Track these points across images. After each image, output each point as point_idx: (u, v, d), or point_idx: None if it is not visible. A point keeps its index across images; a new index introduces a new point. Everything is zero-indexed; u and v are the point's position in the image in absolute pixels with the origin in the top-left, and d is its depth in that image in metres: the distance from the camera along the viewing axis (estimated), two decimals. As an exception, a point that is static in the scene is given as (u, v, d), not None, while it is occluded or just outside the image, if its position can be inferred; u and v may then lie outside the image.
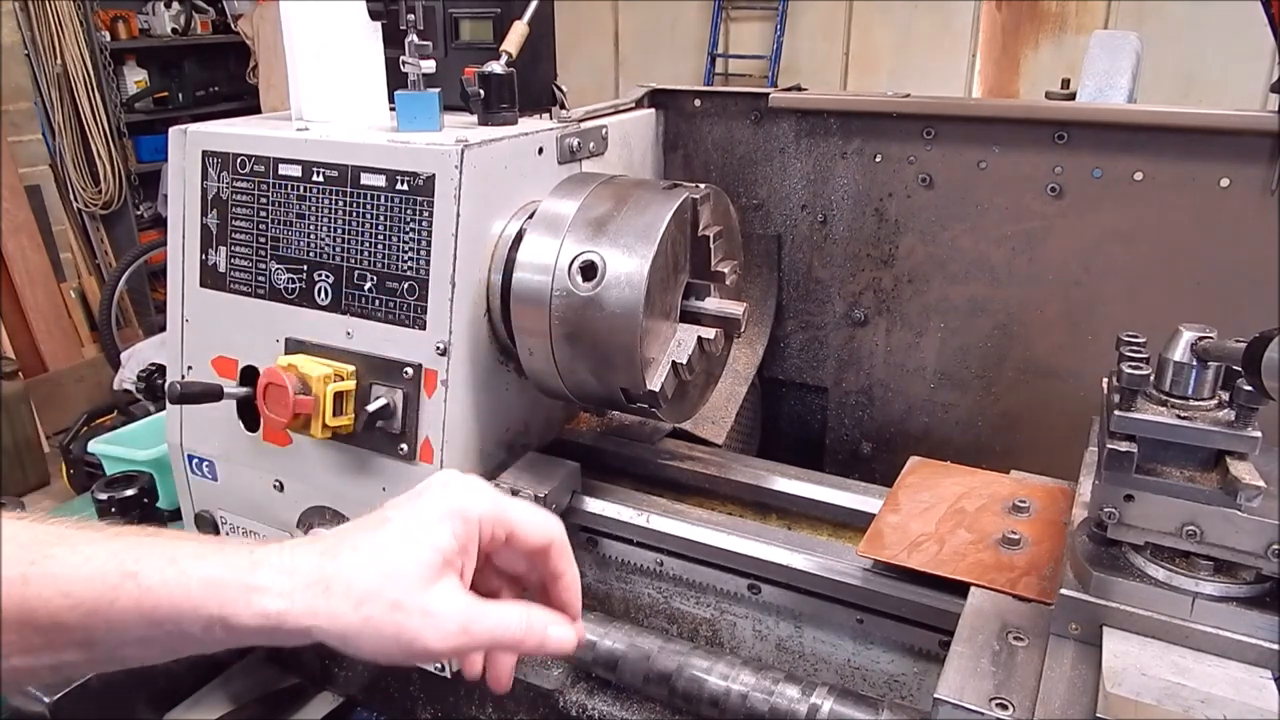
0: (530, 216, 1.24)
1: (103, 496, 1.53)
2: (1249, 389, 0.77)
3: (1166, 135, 1.34)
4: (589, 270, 1.15)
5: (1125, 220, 1.40)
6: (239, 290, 1.35)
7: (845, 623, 1.17)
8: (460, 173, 1.17)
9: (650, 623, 1.35)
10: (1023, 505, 1.18)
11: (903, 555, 1.10)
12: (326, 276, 1.28)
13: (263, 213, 1.32)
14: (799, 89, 1.80)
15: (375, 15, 1.34)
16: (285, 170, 1.29)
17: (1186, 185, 1.34)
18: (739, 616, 1.28)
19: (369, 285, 1.25)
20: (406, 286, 1.22)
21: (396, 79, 1.34)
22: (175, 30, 6.62)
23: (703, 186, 1.24)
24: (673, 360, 1.20)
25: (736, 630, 1.29)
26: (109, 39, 6.18)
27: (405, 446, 1.24)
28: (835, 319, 1.67)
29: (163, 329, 1.51)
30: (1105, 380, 0.95)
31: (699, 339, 1.23)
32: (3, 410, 4.49)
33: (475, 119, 1.34)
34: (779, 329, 1.72)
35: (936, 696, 0.85)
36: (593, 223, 1.18)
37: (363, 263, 1.25)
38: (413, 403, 1.23)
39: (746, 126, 1.64)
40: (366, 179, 1.23)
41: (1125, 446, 0.83)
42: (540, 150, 1.31)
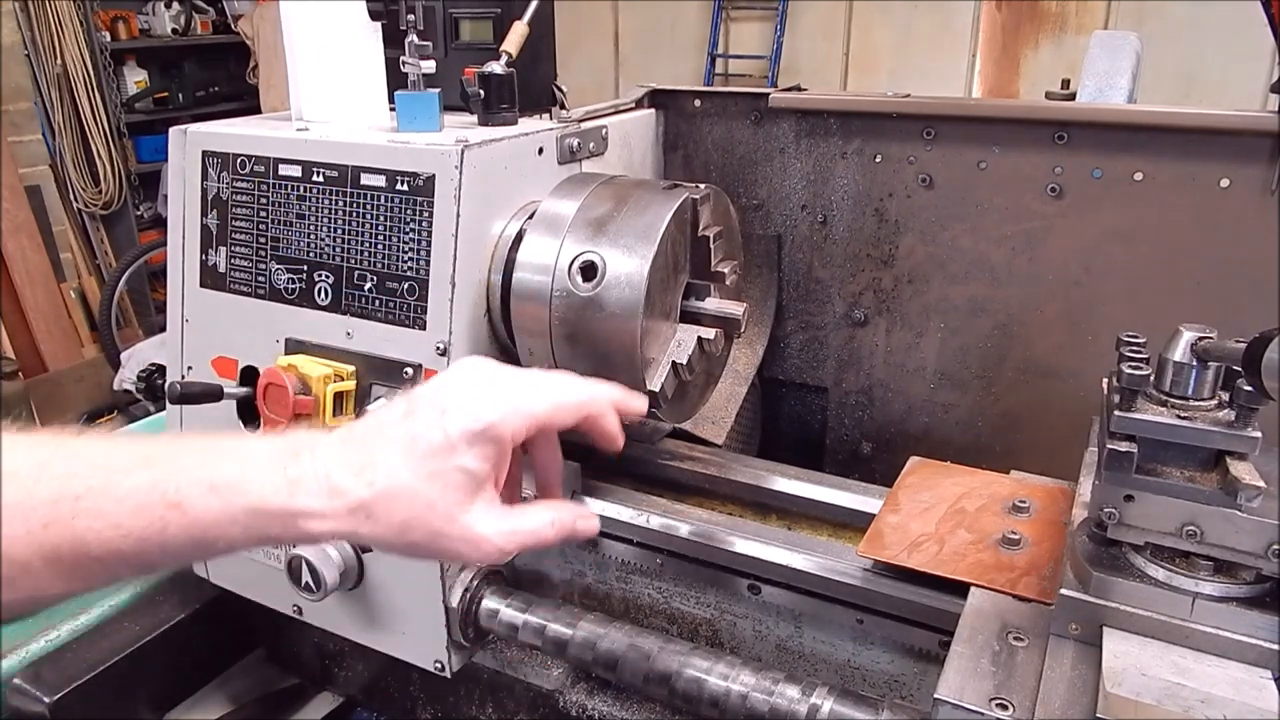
0: (530, 217, 1.24)
1: (103, 496, 1.53)
2: (1249, 389, 0.77)
3: (1166, 135, 1.34)
4: (589, 270, 1.15)
5: (1125, 220, 1.40)
6: (239, 290, 1.35)
7: (845, 623, 1.17)
8: (460, 173, 1.17)
9: (650, 623, 1.35)
10: (1023, 505, 1.18)
11: (903, 555, 1.10)
12: (326, 277, 1.28)
13: (263, 213, 1.32)
14: (799, 89, 1.80)
15: (375, 15, 1.34)
16: (285, 170, 1.29)
17: (1186, 185, 1.34)
18: (739, 616, 1.28)
19: (369, 285, 1.25)
20: (406, 287, 1.22)
21: (396, 79, 1.34)
22: (175, 30, 6.62)
23: (703, 186, 1.24)
24: (673, 360, 1.21)
25: (736, 630, 1.29)
26: (109, 39, 6.18)
27: (405, 446, 1.24)
28: (835, 319, 1.67)
29: (163, 329, 1.51)
30: (1105, 380, 0.95)
31: (699, 339, 1.23)
32: (2, 410, 4.49)
33: (475, 119, 1.34)
34: (779, 329, 1.72)
35: (936, 696, 0.85)
36: (593, 223, 1.18)
37: (363, 263, 1.25)
38: (413, 403, 1.23)
39: (746, 126, 1.64)
40: (366, 179, 1.23)
41: (1125, 446, 0.83)
42: (540, 150, 1.31)
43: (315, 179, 1.27)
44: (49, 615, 1.48)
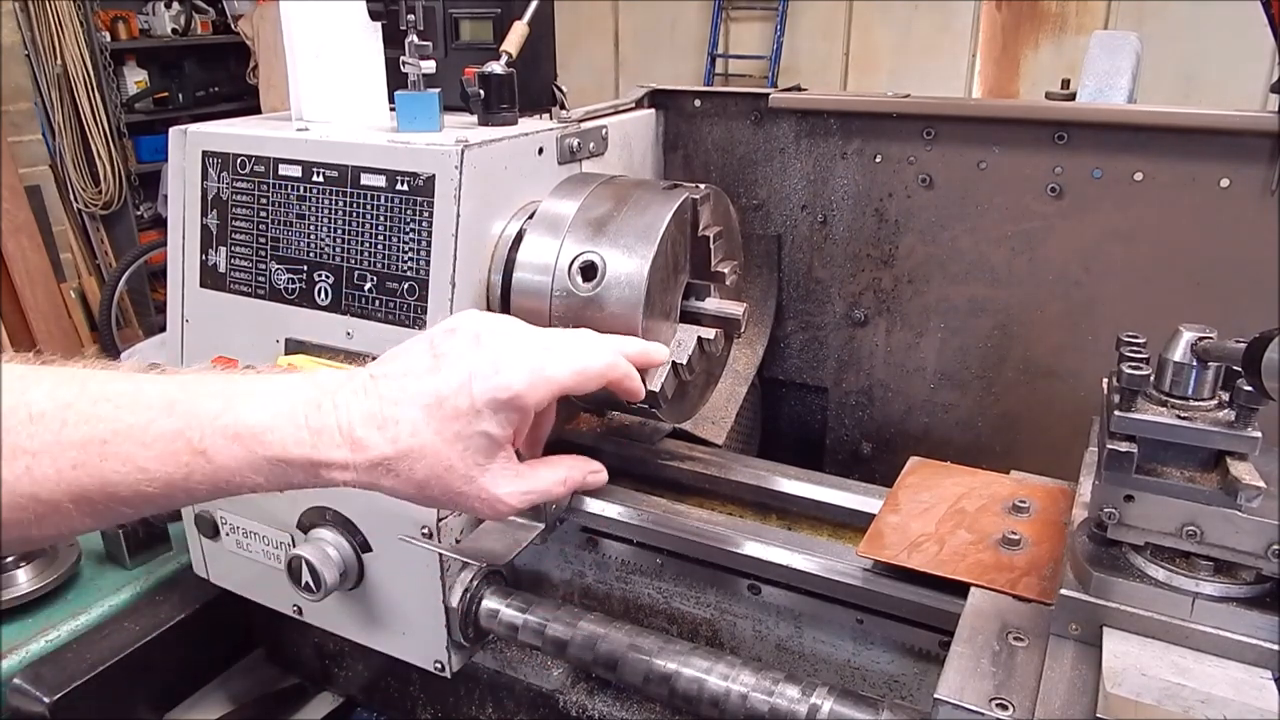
0: (530, 217, 1.24)
1: (103, 497, 1.53)
2: (1249, 389, 0.77)
3: (1166, 135, 1.34)
4: (589, 270, 1.15)
5: (1125, 220, 1.40)
6: (239, 290, 1.35)
7: (845, 623, 1.17)
8: (460, 173, 1.17)
9: (650, 623, 1.35)
10: (1023, 505, 1.18)
11: (903, 555, 1.10)
12: (326, 277, 1.28)
13: (263, 213, 1.32)
14: (799, 89, 1.80)
15: (375, 15, 1.34)
16: (285, 170, 1.29)
17: (1186, 185, 1.34)
18: (739, 616, 1.28)
19: (369, 285, 1.25)
20: (406, 287, 1.22)
21: (396, 79, 1.34)
22: (175, 30, 6.63)
23: (703, 186, 1.24)
24: (673, 360, 1.20)
25: (736, 630, 1.29)
26: (109, 39, 6.18)
27: (405, 446, 1.24)
28: (835, 319, 1.67)
29: (163, 329, 1.51)
30: (1105, 380, 0.95)
31: (699, 339, 1.23)
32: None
33: (475, 119, 1.34)
34: (779, 329, 1.72)
35: (936, 696, 0.85)
36: (593, 223, 1.18)
37: (363, 263, 1.25)
38: (413, 403, 1.23)
39: (746, 127, 1.64)
40: (366, 179, 1.23)
41: (1125, 447, 0.83)
42: (540, 150, 1.31)
43: (315, 179, 1.27)
44: (49, 615, 1.48)
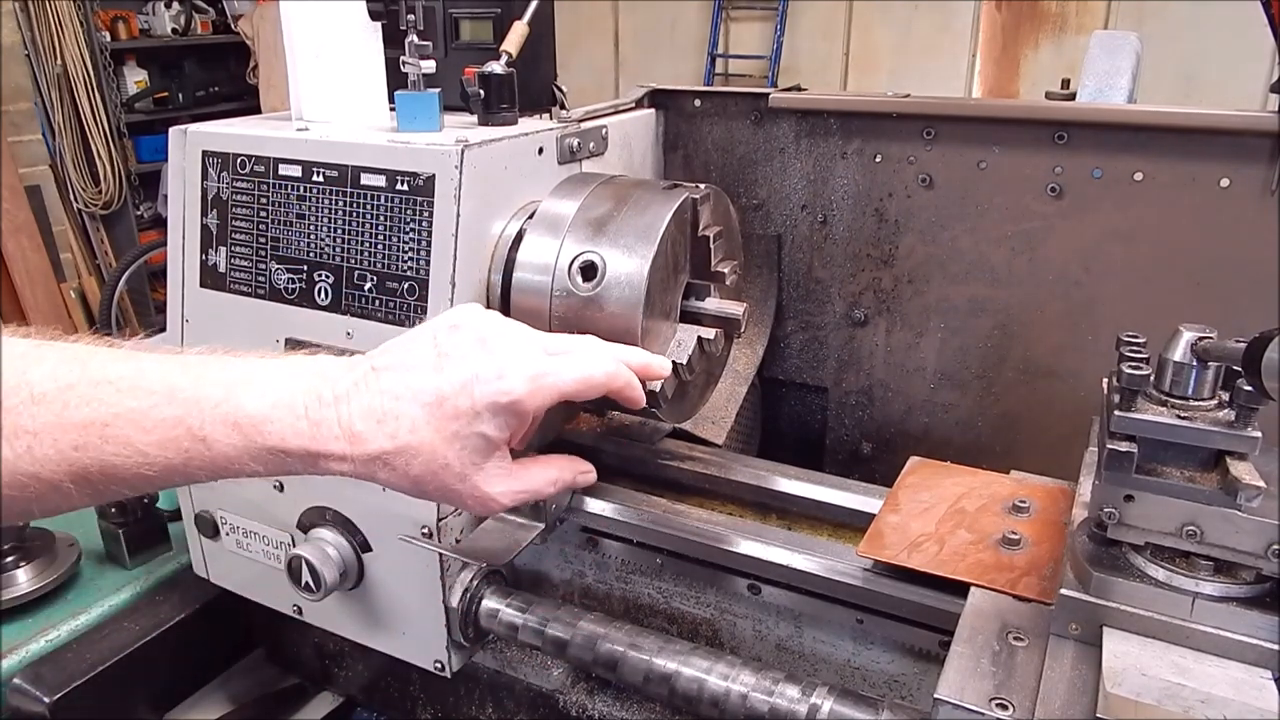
0: (530, 217, 1.24)
1: (103, 497, 1.53)
2: (1249, 389, 0.77)
3: (1166, 135, 1.34)
4: (589, 270, 1.15)
5: (1125, 220, 1.40)
6: (239, 290, 1.35)
7: (845, 623, 1.17)
8: (460, 173, 1.17)
9: (650, 623, 1.35)
10: (1023, 505, 1.18)
11: (903, 555, 1.10)
12: (326, 277, 1.28)
13: (263, 213, 1.32)
14: (799, 89, 1.80)
15: (375, 15, 1.34)
16: (285, 170, 1.29)
17: (1186, 185, 1.34)
18: (739, 616, 1.28)
19: (369, 285, 1.25)
20: (406, 286, 1.22)
21: (396, 79, 1.34)
22: (175, 30, 6.63)
23: (703, 186, 1.24)
24: (673, 360, 1.20)
25: (736, 630, 1.29)
26: (109, 39, 6.18)
27: (405, 446, 1.24)
28: (835, 319, 1.67)
29: (163, 329, 1.51)
30: (1105, 380, 0.95)
31: (699, 339, 1.23)
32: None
33: (475, 119, 1.34)
34: (779, 329, 1.72)
35: (936, 696, 0.85)
36: (593, 223, 1.18)
37: (363, 263, 1.25)
38: (413, 403, 1.23)
39: (746, 127, 1.64)
40: (366, 179, 1.23)
41: (1125, 446, 0.83)
42: (540, 150, 1.31)
43: (315, 179, 1.27)
44: (49, 615, 1.48)
